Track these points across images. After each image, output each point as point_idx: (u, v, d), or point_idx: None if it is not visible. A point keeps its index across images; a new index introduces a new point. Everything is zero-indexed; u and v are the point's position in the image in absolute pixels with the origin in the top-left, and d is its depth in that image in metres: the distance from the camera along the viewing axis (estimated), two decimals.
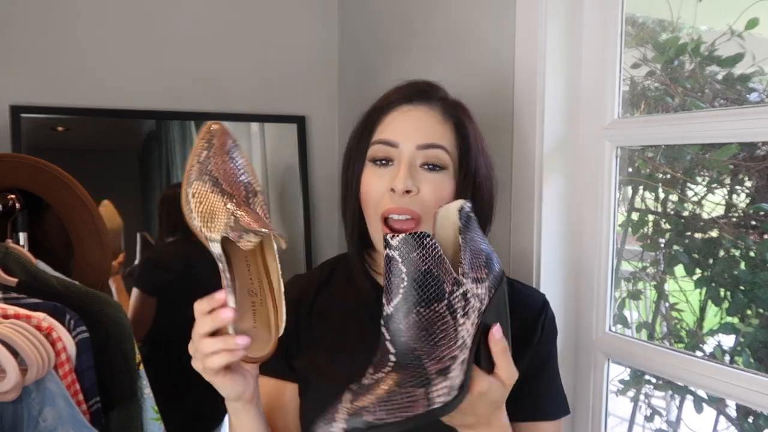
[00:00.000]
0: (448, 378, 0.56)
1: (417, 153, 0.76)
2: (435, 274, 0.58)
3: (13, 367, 0.72)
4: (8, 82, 1.33)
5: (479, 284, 0.61)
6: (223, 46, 1.57)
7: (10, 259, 0.94)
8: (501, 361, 0.61)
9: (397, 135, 0.76)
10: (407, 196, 0.74)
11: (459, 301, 0.59)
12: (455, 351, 0.58)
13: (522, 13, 1.07)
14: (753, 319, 0.99)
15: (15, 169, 1.05)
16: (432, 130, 0.77)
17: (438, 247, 0.58)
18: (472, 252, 0.62)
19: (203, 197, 0.65)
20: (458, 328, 0.58)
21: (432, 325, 0.57)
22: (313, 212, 1.70)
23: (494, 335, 0.60)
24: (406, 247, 0.58)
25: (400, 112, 0.78)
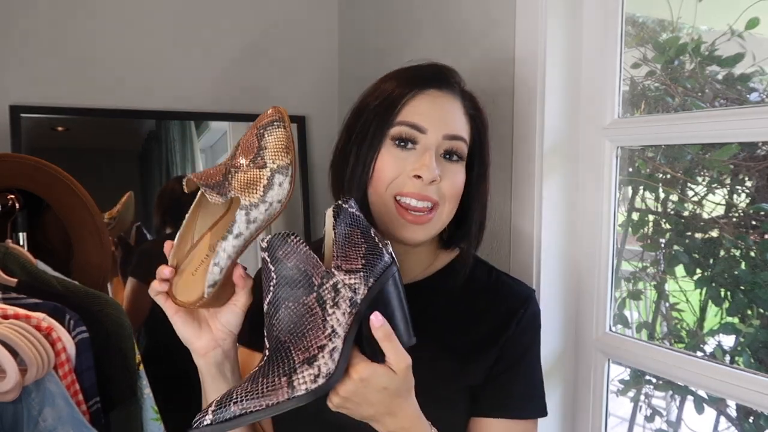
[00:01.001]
0: (313, 366, 0.59)
1: (442, 142, 0.76)
2: (301, 269, 0.61)
3: (13, 368, 0.72)
4: (8, 82, 1.33)
5: (352, 275, 0.63)
6: (222, 46, 1.57)
7: (9, 259, 0.94)
8: (385, 347, 0.61)
9: (426, 121, 0.76)
10: (431, 185, 0.75)
11: (329, 293, 0.61)
12: (323, 340, 0.60)
13: (522, 13, 1.07)
14: (753, 320, 0.99)
15: (15, 169, 1.05)
16: (458, 121, 0.78)
17: (302, 244, 0.62)
18: (345, 244, 0.64)
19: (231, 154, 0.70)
20: (327, 318, 0.61)
21: (301, 318, 0.60)
22: (313, 212, 1.70)
23: (373, 323, 0.61)
24: (273, 247, 0.62)
25: (428, 97, 0.77)
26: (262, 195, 0.64)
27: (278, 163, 0.64)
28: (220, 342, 0.69)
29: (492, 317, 0.81)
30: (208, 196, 0.63)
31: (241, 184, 0.64)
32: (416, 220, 0.75)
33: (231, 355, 0.71)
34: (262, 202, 0.64)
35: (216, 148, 1.61)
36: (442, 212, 0.77)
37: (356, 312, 0.62)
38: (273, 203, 0.64)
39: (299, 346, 0.60)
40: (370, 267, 0.64)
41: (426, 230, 0.77)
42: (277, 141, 0.65)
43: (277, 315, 0.61)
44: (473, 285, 0.84)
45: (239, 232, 0.64)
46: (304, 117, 1.68)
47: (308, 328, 0.60)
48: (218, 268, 0.64)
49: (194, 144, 1.55)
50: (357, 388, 0.61)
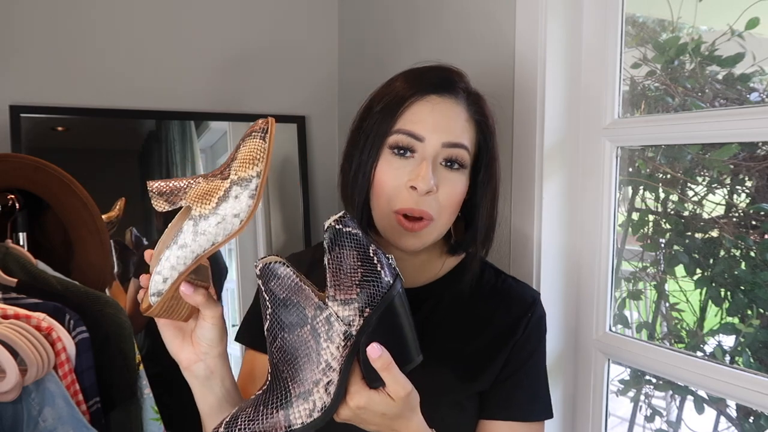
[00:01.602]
0: (308, 401, 0.60)
1: (442, 150, 0.74)
2: (294, 301, 0.61)
3: (13, 368, 0.72)
4: (8, 82, 1.33)
5: (346, 306, 0.61)
6: (222, 46, 1.57)
7: (9, 259, 0.94)
8: (385, 377, 0.61)
9: (424, 129, 0.74)
10: (427, 196, 0.74)
11: (322, 326, 0.61)
12: (318, 374, 0.60)
13: (522, 13, 1.07)
14: (753, 320, 0.99)
15: (15, 169, 1.05)
16: (458, 128, 0.75)
17: (292, 276, 0.61)
18: (339, 271, 0.62)
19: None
20: (321, 352, 0.60)
21: (296, 350, 0.61)
22: (313, 212, 1.70)
23: (371, 355, 0.60)
24: (265, 277, 0.61)
25: (427, 104, 0.75)
26: (214, 207, 0.59)
27: (240, 175, 0.59)
28: (201, 356, 0.68)
29: (499, 322, 0.81)
30: (153, 202, 0.60)
31: (197, 194, 0.60)
32: (410, 228, 0.74)
33: (218, 370, 0.69)
34: (213, 214, 0.59)
35: (216, 148, 1.61)
36: (438, 223, 0.76)
37: (352, 344, 0.61)
38: (227, 217, 0.59)
39: (295, 379, 0.60)
40: (367, 295, 0.61)
41: (421, 238, 0.76)
42: (248, 152, 0.61)
43: (275, 344, 0.61)
44: (481, 289, 0.83)
45: (184, 242, 0.60)
46: (304, 117, 1.68)
47: (303, 361, 0.60)
48: (160, 277, 0.62)
49: (194, 144, 1.55)
50: (354, 414, 0.62)
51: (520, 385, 0.80)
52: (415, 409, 0.65)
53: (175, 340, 0.68)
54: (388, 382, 0.61)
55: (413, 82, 0.77)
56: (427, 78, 0.77)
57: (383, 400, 0.62)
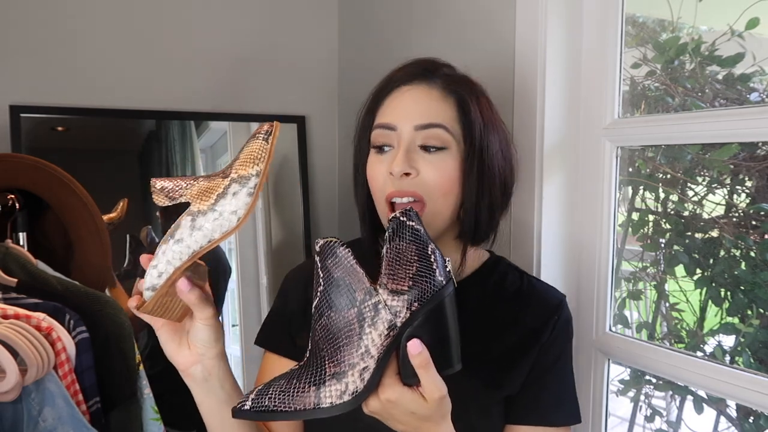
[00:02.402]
0: (341, 382, 0.60)
1: (416, 134, 0.74)
2: (347, 282, 0.61)
3: (13, 368, 0.72)
4: (8, 82, 1.33)
5: (396, 296, 0.61)
6: (223, 46, 1.57)
7: (9, 259, 0.94)
8: (421, 375, 0.60)
9: (394, 117, 0.75)
10: (407, 179, 0.73)
11: (369, 311, 0.61)
12: (355, 358, 0.60)
13: (522, 13, 1.07)
14: (753, 320, 0.99)
15: (15, 169, 1.05)
16: (430, 109, 0.74)
17: (350, 257, 0.61)
18: (395, 262, 0.62)
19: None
20: (363, 336, 0.60)
21: (340, 330, 0.61)
22: (313, 212, 1.70)
23: (410, 350, 0.59)
24: (323, 254, 0.62)
25: (399, 93, 0.76)
26: (212, 203, 0.60)
27: (240, 173, 0.60)
28: (198, 358, 0.68)
29: (524, 325, 0.79)
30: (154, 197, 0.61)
31: (198, 191, 0.61)
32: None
33: (216, 372, 0.69)
34: (210, 210, 0.60)
35: (216, 148, 1.61)
36: (434, 207, 0.74)
37: (394, 335, 0.61)
38: (224, 213, 0.60)
39: (333, 358, 0.60)
40: (418, 290, 0.61)
41: None
42: (250, 152, 0.62)
43: (320, 321, 0.61)
44: (504, 291, 0.82)
45: (180, 237, 0.60)
46: (304, 117, 1.68)
47: (344, 342, 0.60)
48: (155, 271, 0.61)
49: (194, 144, 1.55)
50: (383, 408, 0.61)
51: (547, 389, 0.78)
52: (446, 416, 0.64)
53: (171, 343, 0.68)
54: (424, 380, 0.60)
55: (388, 80, 0.79)
56: (401, 72, 0.78)
57: (415, 399, 0.60)
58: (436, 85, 0.76)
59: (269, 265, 1.63)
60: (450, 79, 0.77)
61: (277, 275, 1.63)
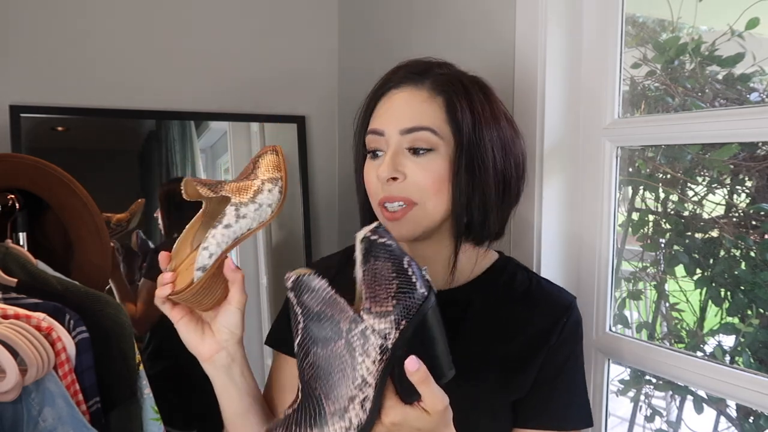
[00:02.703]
0: (344, 419, 0.58)
1: (402, 138, 0.74)
2: (328, 314, 0.59)
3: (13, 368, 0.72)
4: (8, 82, 1.33)
5: (382, 318, 0.59)
6: (223, 46, 1.57)
7: (9, 259, 0.94)
8: (422, 390, 0.59)
9: (382, 122, 0.75)
10: (395, 183, 0.73)
11: (358, 339, 0.59)
12: (353, 390, 0.58)
13: (522, 13, 1.07)
14: (753, 320, 0.99)
15: (15, 169, 1.05)
16: (415, 112, 0.73)
17: (326, 289, 0.60)
18: (374, 283, 0.60)
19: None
20: (356, 366, 0.59)
21: (330, 365, 0.59)
22: (313, 212, 1.70)
23: (408, 368, 0.58)
24: (297, 290, 0.60)
25: (388, 97, 0.77)
26: (252, 197, 0.68)
27: (268, 176, 0.70)
28: (223, 344, 0.70)
29: (533, 327, 0.78)
30: (199, 189, 0.66)
31: (233, 188, 0.68)
32: (392, 217, 0.74)
33: (237, 358, 0.72)
34: (252, 202, 0.68)
35: (216, 148, 1.61)
36: (425, 208, 0.74)
37: (388, 358, 0.60)
38: (263, 205, 0.68)
39: (330, 396, 0.59)
40: (403, 307, 0.60)
41: (406, 227, 0.74)
42: (269, 162, 0.71)
43: (308, 359, 0.59)
44: (513, 292, 0.81)
45: (228, 223, 0.67)
46: (304, 117, 1.68)
47: (338, 377, 0.59)
48: (207, 252, 0.66)
49: (194, 144, 1.55)
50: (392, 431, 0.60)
51: (557, 391, 0.77)
52: (449, 424, 0.64)
53: (194, 334, 0.70)
54: (425, 395, 0.59)
55: (381, 83, 0.79)
56: (393, 75, 0.78)
57: (419, 415, 0.60)
58: (423, 86, 0.75)
59: (269, 265, 1.63)
60: (440, 79, 0.76)
61: (277, 275, 1.63)
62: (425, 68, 0.78)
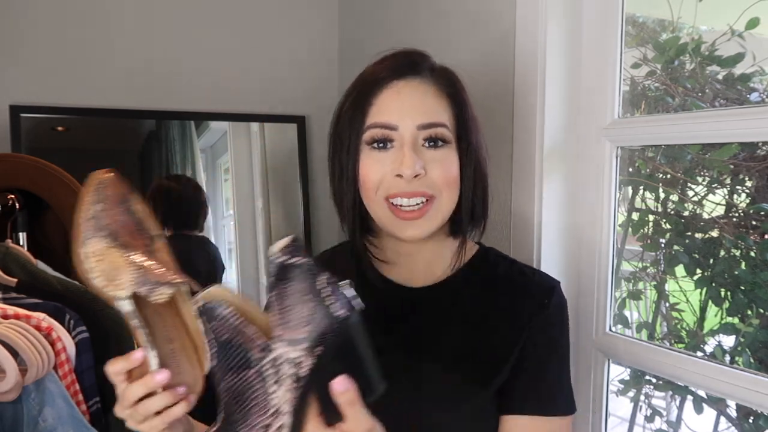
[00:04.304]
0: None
1: (418, 133, 0.73)
2: (236, 343, 0.56)
3: (13, 368, 0.72)
4: (8, 82, 1.33)
5: (295, 346, 0.56)
6: (223, 46, 1.57)
7: (9, 259, 0.94)
8: (347, 412, 0.56)
9: (395, 117, 0.73)
10: (415, 180, 0.72)
11: (269, 368, 0.56)
12: (268, 419, 0.56)
13: (522, 13, 1.07)
14: (753, 320, 0.99)
15: (15, 169, 1.05)
16: (430, 107, 0.73)
17: (231, 318, 0.57)
18: (285, 309, 0.57)
19: (103, 254, 0.62)
20: (269, 396, 0.56)
21: (243, 393, 0.57)
22: (313, 212, 1.70)
23: (336, 389, 0.55)
24: (207, 317, 0.57)
25: (393, 90, 0.74)
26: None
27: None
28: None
29: (516, 313, 0.77)
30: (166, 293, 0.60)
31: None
32: (411, 217, 0.73)
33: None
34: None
35: (216, 148, 1.61)
36: (440, 202, 0.74)
37: (303, 385, 0.57)
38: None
39: (245, 422, 0.57)
40: (318, 331, 0.56)
41: (425, 225, 0.74)
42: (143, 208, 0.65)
43: (222, 384, 0.58)
44: (496, 282, 0.80)
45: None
46: (304, 117, 1.68)
47: (251, 404, 0.57)
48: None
49: (194, 144, 1.55)
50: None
51: (540, 377, 0.76)
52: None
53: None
54: (349, 417, 0.56)
55: (375, 74, 0.76)
56: (388, 66, 0.76)
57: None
58: (428, 79, 0.75)
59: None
60: (438, 73, 0.76)
61: None
62: (421, 59, 0.77)
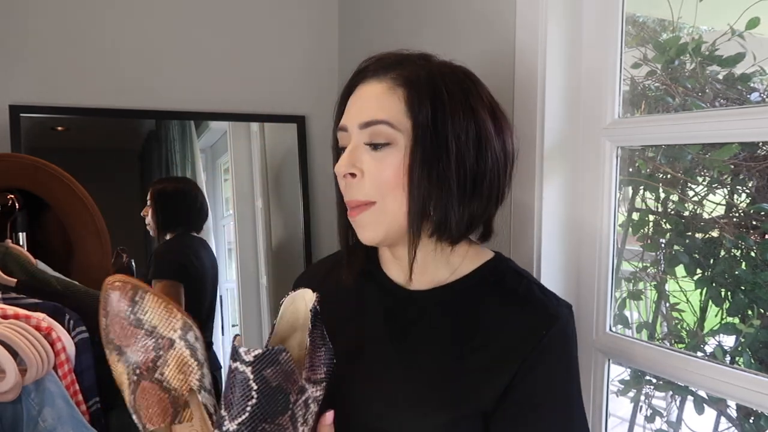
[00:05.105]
0: None
1: (361, 133, 0.70)
2: (284, 388, 0.56)
3: (13, 368, 0.72)
4: (8, 82, 1.33)
5: (318, 386, 0.61)
6: (223, 46, 1.57)
7: (9, 259, 0.94)
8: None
9: (347, 119, 0.73)
10: (353, 182, 0.71)
11: (300, 409, 0.58)
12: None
13: (522, 13, 1.07)
14: (754, 320, 0.99)
15: (15, 169, 1.05)
16: (373, 105, 0.70)
17: (291, 362, 0.57)
18: (312, 352, 0.61)
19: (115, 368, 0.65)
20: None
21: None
22: (313, 212, 1.70)
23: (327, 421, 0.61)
24: (261, 364, 0.55)
25: (355, 95, 0.74)
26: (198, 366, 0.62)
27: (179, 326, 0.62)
28: None
29: (512, 332, 0.70)
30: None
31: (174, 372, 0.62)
32: (353, 214, 0.72)
33: None
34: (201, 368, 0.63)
35: (216, 148, 1.61)
36: (383, 205, 0.70)
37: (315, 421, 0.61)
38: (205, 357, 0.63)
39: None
40: (326, 371, 0.62)
41: (367, 229, 0.71)
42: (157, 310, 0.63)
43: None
44: (498, 297, 0.74)
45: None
46: (304, 117, 1.68)
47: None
48: None
49: (194, 144, 1.55)
50: None
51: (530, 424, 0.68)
52: None
53: None
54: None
55: (349, 79, 0.76)
56: (358, 70, 0.76)
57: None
58: (386, 79, 0.71)
59: (269, 265, 1.63)
60: (407, 69, 0.71)
61: (277, 275, 1.63)
62: (395, 61, 0.74)
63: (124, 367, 0.64)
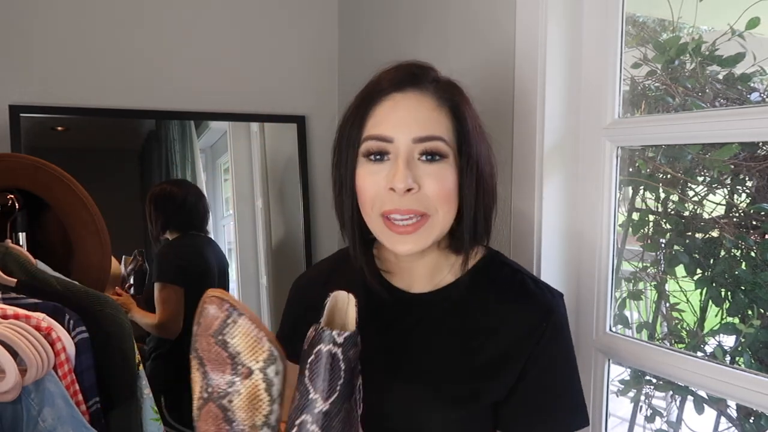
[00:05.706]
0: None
1: (414, 146, 0.71)
2: (357, 369, 0.61)
3: (13, 368, 0.72)
4: (8, 82, 1.33)
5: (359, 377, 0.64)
6: (223, 46, 1.57)
7: (9, 259, 0.94)
8: None
9: (390, 130, 0.71)
10: (408, 195, 0.70)
11: (359, 393, 0.62)
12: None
13: (522, 13, 1.07)
14: (754, 320, 0.99)
15: (15, 169, 1.05)
16: (427, 120, 0.71)
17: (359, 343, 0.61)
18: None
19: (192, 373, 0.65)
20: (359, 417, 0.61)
21: (350, 417, 0.59)
22: (313, 212, 1.70)
23: None
24: (348, 344, 0.59)
25: (391, 102, 0.72)
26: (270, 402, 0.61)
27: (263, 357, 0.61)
28: None
29: (511, 331, 0.75)
30: None
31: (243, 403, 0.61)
32: (404, 231, 0.71)
33: None
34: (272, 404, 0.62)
35: (216, 148, 1.61)
36: (435, 219, 0.72)
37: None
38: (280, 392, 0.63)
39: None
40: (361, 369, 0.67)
41: (419, 241, 0.72)
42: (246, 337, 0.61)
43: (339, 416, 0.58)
44: (495, 293, 0.78)
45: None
46: (304, 117, 1.68)
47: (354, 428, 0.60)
48: None
49: (194, 144, 1.55)
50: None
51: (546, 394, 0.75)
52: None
53: None
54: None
55: (375, 86, 0.75)
56: (387, 78, 0.74)
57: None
58: (428, 92, 0.73)
59: (269, 265, 1.63)
60: (440, 85, 0.74)
61: (277, 275, 1.63)
62: (422, 71, 0.75)
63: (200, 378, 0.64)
